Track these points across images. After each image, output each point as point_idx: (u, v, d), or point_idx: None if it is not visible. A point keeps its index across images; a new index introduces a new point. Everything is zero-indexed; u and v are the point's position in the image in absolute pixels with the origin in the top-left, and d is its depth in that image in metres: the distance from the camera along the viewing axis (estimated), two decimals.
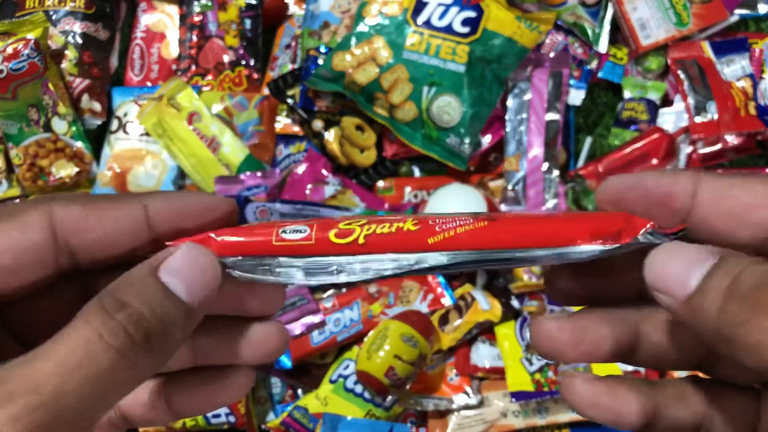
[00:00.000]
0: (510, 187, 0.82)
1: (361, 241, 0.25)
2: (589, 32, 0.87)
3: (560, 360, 0.25)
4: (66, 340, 0.19)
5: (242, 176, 0.80)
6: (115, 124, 0.86)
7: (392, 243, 0.25)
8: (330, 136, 0.84)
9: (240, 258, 0.25)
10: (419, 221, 0.25)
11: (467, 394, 0.76)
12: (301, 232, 0.25)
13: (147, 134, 0.84)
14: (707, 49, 0.83)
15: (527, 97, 0.84)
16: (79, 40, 0.83)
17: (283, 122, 0.87)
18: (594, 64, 0.87)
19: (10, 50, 0.75)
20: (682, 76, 0.83)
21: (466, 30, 0.80)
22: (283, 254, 0.25)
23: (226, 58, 0.88)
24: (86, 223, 0.23)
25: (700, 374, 0.26)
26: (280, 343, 0.26)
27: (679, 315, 0.22)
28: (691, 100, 0.82)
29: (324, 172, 0.84)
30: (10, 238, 0.22)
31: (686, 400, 0.25)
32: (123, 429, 0.27)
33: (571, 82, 0.86)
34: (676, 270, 0.22)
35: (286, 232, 0.25)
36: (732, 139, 0.80)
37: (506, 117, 0.84)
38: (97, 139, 0.86)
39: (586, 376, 0.25)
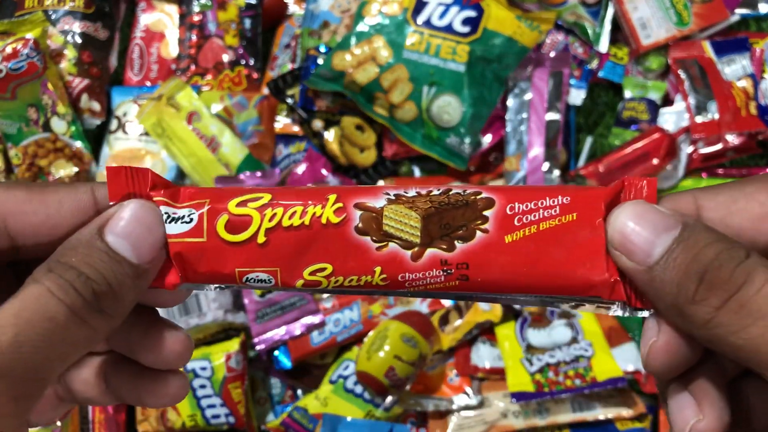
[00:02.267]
0: None
1: (329, 288, 0.25)
2: (590, 32, 0.87)
3: None
4: (19, 297, 0.20)
5: (242, 176, 0.80)
6: (114, 124, 0.85)
7: (362, 292, 0.25)
8: (330, 135, 0.84)
9: (195, 286, 0.25)
10: (388, 278, 0.24)
11: (467, 394, 0.76)
12: (266, 282, 0.24)
13: (146, 134, 0.84)
14: (708, 48, 0.83)
15: (528, 96, 0.83)
16: (79, 40, 0.83)
17: (282, 122, 0.87)
18: (594, 64, 0.87)
19: (9, 50, 0.75)
20: (682, 75, 0.83)
21: (466, 29, 0.79)
22: (250, 287, 0.25)
23: (225, 58, 0.88)
24: (28, 205, 0.23)
25: None
26: (184, 347, 0.25)
27: (637, 280, 0.23)
28: (691, 100, 0.82)
29: (324, 171, 0.84)
30: None
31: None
32: (68, 404, 0.27)
33: (572, 81, 0.86)
34: (641, 235, 0.22)
35: (249, 282, 0.24)
36: (733, 139, 0.80)
37: (506, 117, 0.83)
38: (96, 138, 0.86)
39: None
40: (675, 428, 0.24)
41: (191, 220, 0.24)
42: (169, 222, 0.24)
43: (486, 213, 0.24)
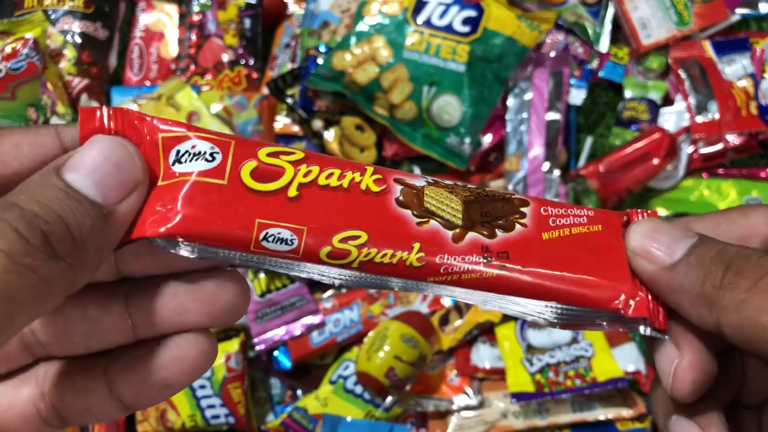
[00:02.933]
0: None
1: (355, 265, 0.22)
2: (590, 31, 0.87)
3: None
4: None
5: None
6: None
7: (392, 273, 0.22)
8: (330, 135, 0.84)
9: (186, 246, 0.21)
10: (425, 258, 0.22)
11: (467, 394, 0.76)
12: (286, 243, 0.21)
13: None
14: (708, 48, 0.83)
15: (528, 96, 0.83)
16: (78, 40, 0.83)
17: (282, 122, 0.87)
18: (595, 64, 0.87)
19: (8, 50, 0.75)
20: (683, 75, 0.83)
21: (466, 29, 0.79)
22: (264, 255, 0.21)
23: (225, 58, 0.88)
24: None
25: None
26: (236, 293, 0.22)
27: (658, 281, 0.23)
28: (692, 100, 0.82)
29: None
30: None
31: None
32: (57, 426, 0.22)
33: (572, 81, 0.86)
34: (662, 240, 0.23)
35: (268, 241, 0.21)
36: (733, 139, 0.80)
37: (507, 116, 0.83)
38: None
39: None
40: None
41: (213, 158, 0.21)
42: (186, 159, 0.21)
43: (523, 210, 0.24)
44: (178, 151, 0.21)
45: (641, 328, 0.24)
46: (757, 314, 0.20)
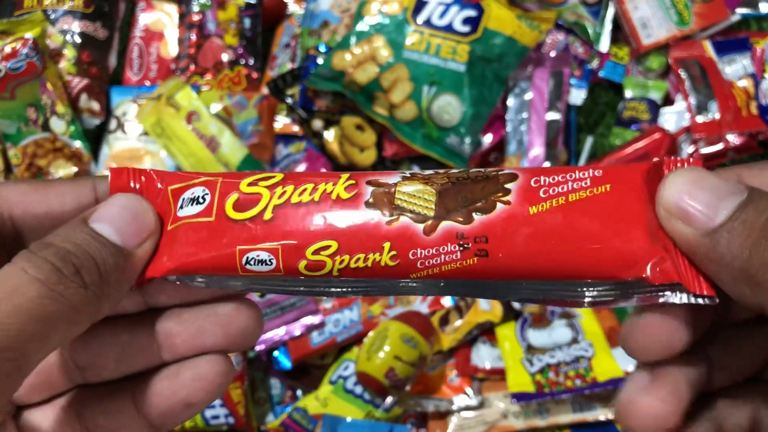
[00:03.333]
0: None
1: (335, 273, 0.22)
2: (590, 31, 0.87)
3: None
4: None
5: None
6: (113, 124, 0.85)
7: (371, 275, 0.22)
8: (330, 135, 0.84)
9: (200, 279, 0.24)
10: (398, 256, 0.22)
11: (467, 395, 0.75)
12: (266, 264, 0.22)
13: (146, 134, 0.84)
14: (709, 48, 0.83)
15: (528, 96, 0.83)
16: (78, 40, 0.83)
17: (282, 122, 0.87)
18: (595, 64, 0.87)
19: (8, 49, 0.75)
20: (683, 75, 0.83)
21: (466, 29, 0.79)
22: (249, 277, 0.23)
23: (225, 58, 0.88)
24: (31, 197, 0.23)
25: None
26: (250, 316, 0.24)
27: (695, 248, 0.20)
28: (692, 100, 0.82)
29: (323, 171, 0.84)
30: None
31: (741, 405, 0.23)
32: None
33: (572, 81, 0.86)
34: (703, 199, 0.20)
35: (250, 264, 0.23)
36: (733, 139, 0.80)
37: (507, 116, 0.83)
38: (95, 138, 0.86)
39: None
40: (618, 399, 0.22)
41: (204, 200, 0.23)
42: (187, 205, 0.23)
43: (508, 186, 0.22)
44: (183, 199, 0.24)
45: (677, 297, 0.21)
46: None
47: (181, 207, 0.24)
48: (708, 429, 0.23)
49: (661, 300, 0.21)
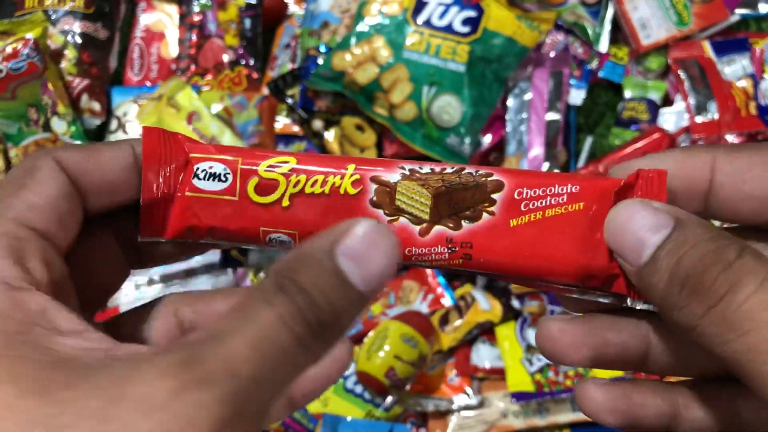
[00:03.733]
0: None
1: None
2: (590, 32, 0.87)
3: (561, 362, 0.25)
4: (252, 320, 0.18)
5: None
6: (114, 124, 0.85)
7: None
8: (330, 135, 0.84)
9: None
10: None
11: (467, 394, 0.76)
12: (286, 243, 0.26)
13: None
14: (708, 48, 0.83)
15: (528, 96, 0.83)
16: (79, 40, 0.83)
17: (282, 122, 0.87)
18: (594, 64, 0.87)
19: (9, 50, 0.75)
20: (682, 75, 0.83)
21: (466, 29, 0.79)
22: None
23: (225, 58, 0.88)
24: (88, 164, 0.23)
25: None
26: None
27: (630, 277, 0.23)
28: (691, 100, 0.82)
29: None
30: (40, 195, 0.22)
31: (708, 401, 0.24)
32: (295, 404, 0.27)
33: (572, 81, 0.86)
34: (633, 236, 0.22)
35: (273, 242, 0.26)
36: (733, 139, 0.80)
37: (506, 117, 0.83)
38: (96, 138, 0.86)
39: (600, 381, 0.25)
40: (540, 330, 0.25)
41: (226, 179, 0.25)
42: (206, 179, 0.25)
43: (494, 196, 0.25)
44: (198, 169, 0.26)
45: (627, 302, 0.24)
46: (710, 343, 0.20)
47: (198, 177, 0.26)
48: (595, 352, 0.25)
49: (612, 300, 0.25)
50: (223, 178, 0.26)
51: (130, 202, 0.25)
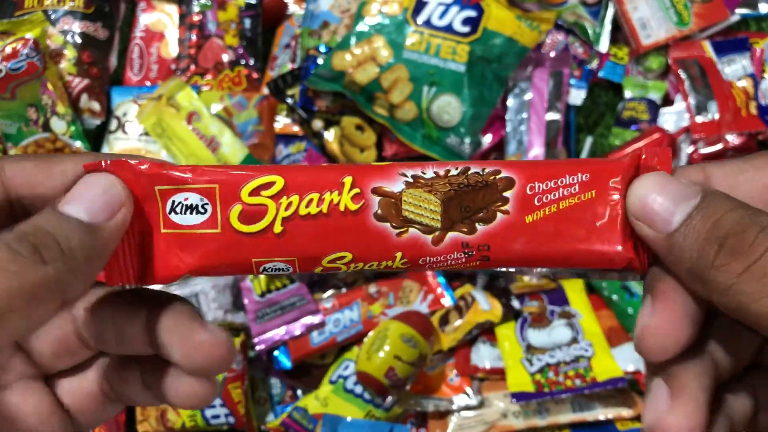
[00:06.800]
0: None
1: (350, 272, 0.25)
2: (590, 32, 0.87)
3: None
4: None
5: None
6: (114, 124, 0.85)
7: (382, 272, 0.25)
8: (330, 135, 0.84)
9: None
10: (408, 262, 0.24)
11: (467, 394, 0.76)
12: (283, 270, 0.24)
13: (146, 134, 0.84)
14: (708, 48, 0.83)
15: (528, 96, 0.83)
16: (78, 40, 0.83)
17: (282, 122, 0.87)
18: (595, 64, 0.87)
19: (8, 50, 0.75)
20: (683, 75, 0.83)
21: (466, 29, 0.79)
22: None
23: (225, 58, 0.88)
24: (36, 177, 0.24)
25: None
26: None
27: (655, 247, 0.23)
28: (692, 100, 0.82)
29: (321, 165, 0.84)
30: None
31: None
32: (117, 404, 0.27)
33: (572, 81, 0.86)
34: (662, 204, 0.22)
35: (267, 271, 0.24)
36: (733, 139, 0.80)
37: (506, 117, 0.83)
38: (96, 139, 0.86)
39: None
40: (644, 419, 0.24)
41: (205, 210, 0.23)
42: (183, 212, 0.23)
43: (506, 194, 0.24)
44: (174, 202, 0.23)
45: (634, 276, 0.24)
46: (747, 301, 0.20)
47: (174, 211, 0.23)
48: (724, 425, 0.24)
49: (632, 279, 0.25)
50: (201, 210, 0.23)
51: None
